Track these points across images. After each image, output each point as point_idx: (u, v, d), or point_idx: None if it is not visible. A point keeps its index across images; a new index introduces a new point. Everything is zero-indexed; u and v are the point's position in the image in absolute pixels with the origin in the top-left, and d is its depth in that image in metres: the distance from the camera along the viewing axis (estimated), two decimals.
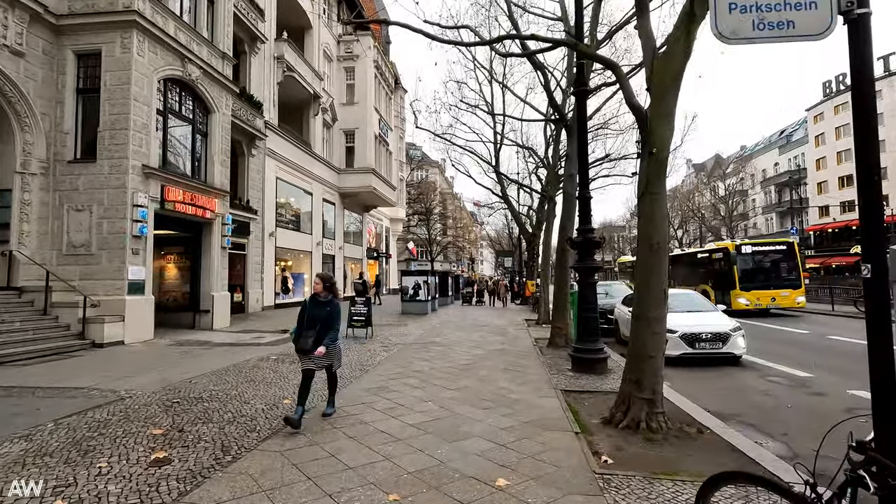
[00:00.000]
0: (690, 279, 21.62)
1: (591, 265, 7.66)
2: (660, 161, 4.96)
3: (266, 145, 19.98)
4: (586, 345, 7.55)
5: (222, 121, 13.88)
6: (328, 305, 5.00)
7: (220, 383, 6.56)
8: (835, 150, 52.71)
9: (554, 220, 16.37)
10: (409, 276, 19.33)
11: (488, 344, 10.79)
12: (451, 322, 16.22)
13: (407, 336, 12.13)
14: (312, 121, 25.31)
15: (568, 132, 10.77)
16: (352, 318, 11.53)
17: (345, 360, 8.35)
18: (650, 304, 4.94)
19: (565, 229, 10.73)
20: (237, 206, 17.66)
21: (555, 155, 16.53)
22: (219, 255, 13.58)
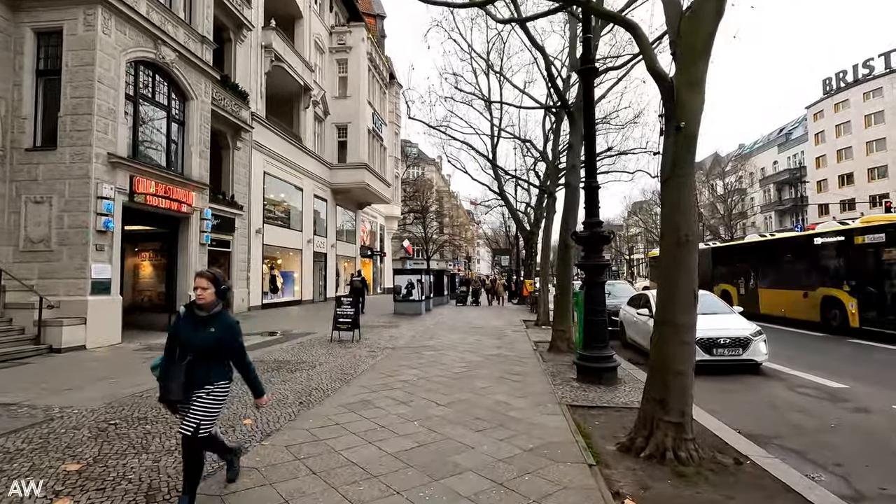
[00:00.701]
0: (797, 278, 14.10)
1: (599, 262, 6.86)
2: (689, 137, 4.15)
3: (253, 138, 19.09)
4: (594, 352, 6.75)
5: (201, 109, 12.99)
6: (215, 324, 3.08)
7: None
8: (835, 149, 52.15)
9: (554, 216, 15.58)
10: (402, 275, 18.50)
11: (484, 348, 9.98)
12: (445, 323, 15.40)
13: (397, 339, 11.30)
14: (303, 114, 24.42)
15: (571, 120, 9.96)
16: (337, 319, 10.69)
17: (326, 369, 7.55)
18: (677, 308, 4.13)
19: (568, 224, 9.92)
20: (220, 201, 16.79)
21: (554, 148, 15.73)
22: (197, 252, 12.70)
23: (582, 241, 6.94)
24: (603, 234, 6.79)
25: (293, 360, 8.39)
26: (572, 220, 9.96)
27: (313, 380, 6.80)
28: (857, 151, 50.11)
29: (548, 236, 15.65)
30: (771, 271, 15.60)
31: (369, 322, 15.32)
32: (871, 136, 48.96)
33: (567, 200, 10.10)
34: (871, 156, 48.96)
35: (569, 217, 9.95)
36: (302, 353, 9.06)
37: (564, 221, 10.04)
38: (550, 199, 15.52)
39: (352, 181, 27.55)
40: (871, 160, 49.06)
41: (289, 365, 7.87)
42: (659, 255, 4.34)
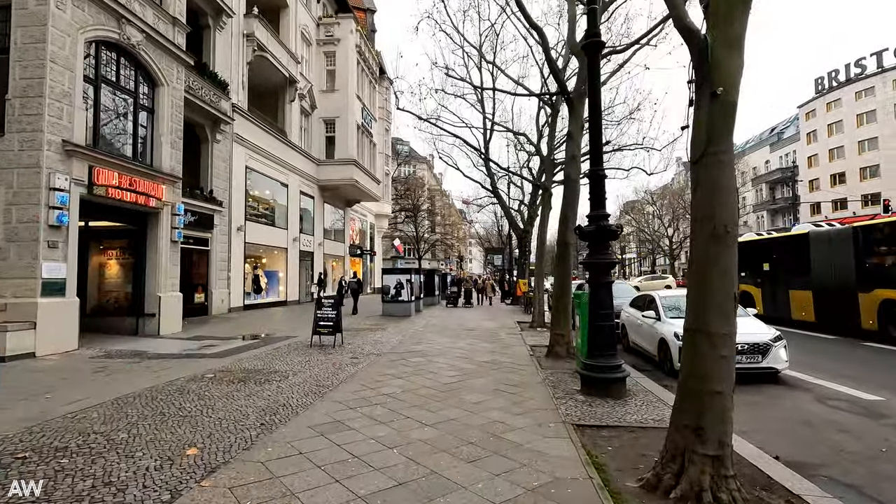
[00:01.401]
0: (842, 278, 11.92)
1: (606, 260, 6.10)
2: (727, 106, 3.40)
3: (233, 130, 18.15)
4: (600, 360, 5.99)
5: (172, 96, 12.08)
6: None
7: (113, 419, 4.86)
8: (826, 148, 52.10)
9: (549, 213, 14.85)
10: (391, 275, 17.68)
11: (477, 353, 9.21)
12: (435, 325, 14.61)
13: (383, 344, 10.49)
14: (288, 107, 23.48)
15: (570, 107, 9.22)
16: (318, 323, 9.86)
17: (300, 379, 6.73)
18: (713, 315, 3.37)
19: (567, 220, 9.17)
20: (198, 196, 15.87)
21: (550, 142, 15.00)
22: (168, 249, 11.79)
23: (586, 237, 6.18)
24: (610, 228, 6.04)
25: (264, 368, 7.55)
26: (572, 216, 9.22)
27: (283, 394, 5.97)
28: (849, 151, 50.07)
29: (543, 234, 14.92)
30: (806, 270, 13.39)
31: (355, 324, 14.49)
32: (863, 135, 48.93)
33: (566, 194, 9.36)
34: (863, 155, 48.94)
35: (568, 212, 9.20)
36: (276, 361, 8.22)
37: (563, 217, 9.29)
38: (545, 195, 14.78)
39: (340, 178, 26.66)
40: (862, 159, 49.04)
41: (258, 375, 7.03)
42: (690, 251, 3.60)
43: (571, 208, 9.22)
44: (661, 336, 7.89)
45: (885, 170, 46.62)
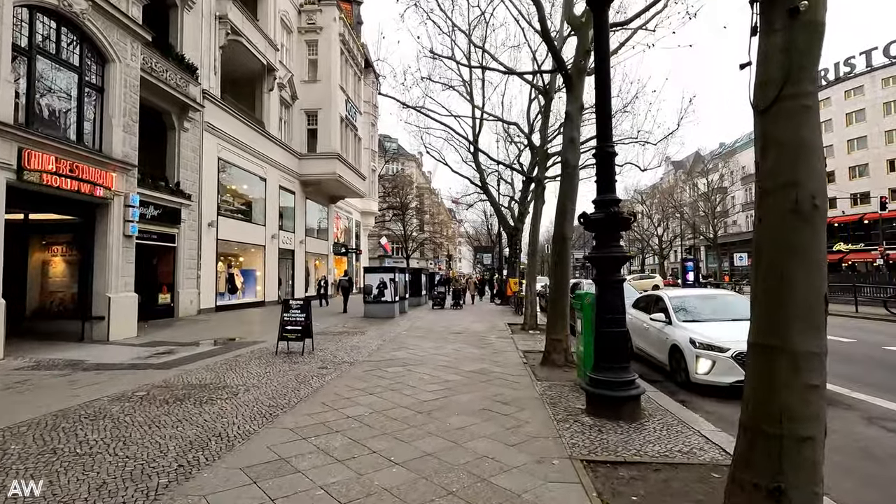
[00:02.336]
0: None
1: (616, 254, 5.09)
2: (812, 28, 2.39)
3: (204, 119, 16.91)
4: (609, 374, 4.98)
5: (126, 74, 10.85)
6: None
7: None
8: None
9: (542, 207, 13.88)
10: (374, 274, 16.56)
11: (464, 362, 8.17)
12: (420, 328, 13.54)
13: (359, 350, 9.40)
14: (266, 97, 22.22)
15: (568, 85, 8.21)
16: (284, 327, 8.73)
17: (251, 397, 5.62)
18: (797, 325, 2.35)
19: (565, 212, 8.17)
20: (162, 188, 14.62)
21: (543, 131, 14.01)
22: (119, 245, 10.57)
23: (593, 226, 5.17)
24: (622, 215, 5.03)
25: (213, 383, 6.42)
26: (571, 207, 8.21)
27: (224, 418, 4.87)
28: (839, 150, 50.01)
29: (536, 229, 13.94)
30: None
31: (332, 327, 13.37)
32: (852, 134, 48.89)
33: (564, 184, 8.35)
34: (853, 154, 48.91)
35: (566, 203, 8.19)
36: (230, 373, 7.09)
37: (560, 209, 8.28)
38: (538, 188, 13.80)
39: (323, 172, 25.46)
40: (852, 158, 49.01)
41: (203, 392, 5.91)
42: (757, 236, 2.59)
43: (570, 199, 8.21)
44: (672, 342, 6.92)
45: (874, 169, 46.59)
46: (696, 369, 6.27)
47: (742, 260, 50.54)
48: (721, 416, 5.39)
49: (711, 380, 6.13)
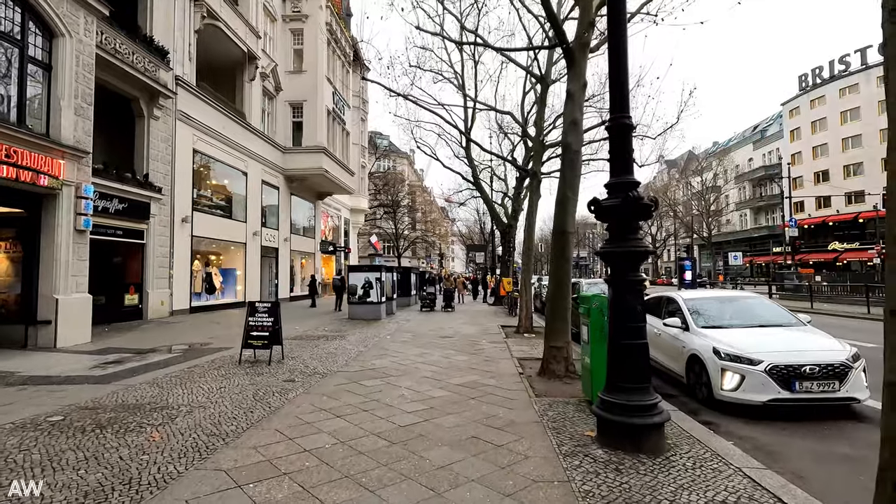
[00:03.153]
0: None
1: (636, 248, 4.16)
2: None
3: (177, 107, 15.79)
4: (628, 397, 4.05)
5: (79, 51, 9.76)
6: None
7: None
8: (810, 146, 51.67)
9: (539, 201, 12.96)
10: (358, 273, 15.56)
11: (453, 372, 7.22)
12: (406, 331, 12.57)
13: (336, 357, 8.41)
14: (248, 87, 21.11)
15: (570, 61, 7.29)
16: (249, 333, 7.72)
17: (190, 423, 4.61)
18: None
19: (566, 202, 7.24)
20: (129, 180, 13.52)
21: (539, 121, 13.08)
22: (70, 241, 9.49)
23: (607, 215, 4.24)
24: (642, 201, 4.09)
25: (152, 402, 5.41)
26: (573, 196, 7.28)
27: (147, 453, 3.87)
28: (833, 148, 49.70)
29: (531, 225, 13.01)
30: None
31: (311, 330, 12.36)
32: (847, 132, 48.51)
33: (565, 171, 7.41)
34: (847, 152, 48.53)
35: (567, 192, 7.25)
36: (177, 389, 6.08)
37: (561, 199, 7.34)
38: (534, 182, 12.87)
39: (308, 167, 24.38)
40: (846, 157, 48.63)
41: (133, 416, 4.90)
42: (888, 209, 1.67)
43: (571, 187, 7.28)
44: (691, 352, 6.01)
45: (869, 167, 46.21)
46: (721, 384, 5.36)
47: (737, 259, 49.98)
48: (758, 443, 4.48)
49: (740, 397, 5.22)
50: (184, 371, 7.11)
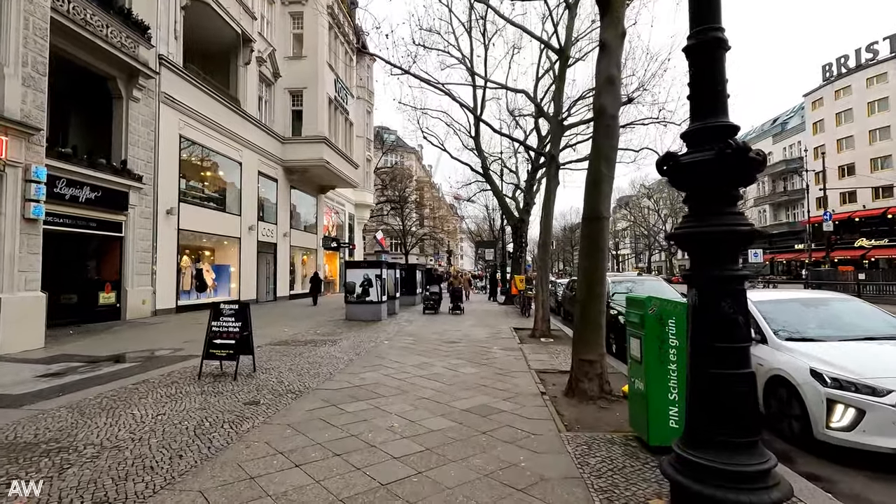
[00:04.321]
0: None
1: (738, 227, 2.69)
2: None
3: (161, 89, 14.53)
4: (725, 458, 2.59)
5: (29, 12, 8.47)
6: None
7: None
8: (834, 138, 49.46)
9: (556, 189, 11.50)
10: (356, 269, 14.18)
11: (457, 391, 5.82)
12: (408, 334, 11.19)
13: (319, 369, 7.04)
14: (242, 71, 19.82)
15: (604, 5, 5.83)
16: (212, 341, 6.36)
17: (86, 475, 3.25)
18: None
19: (599, 181, 5.78)
20: (102, 166, 12.27)
21: (558, 99, 11.60)
22: (16, 231, 8.22)
23: (690, 176, 2.79)
24: (747, 152, 2.62)
25: (53, 439, 4.06)
26: (608, 172, 5.82)
27: None
28: (859, 140, 47.46)
29: (548, 216, 11.52)
30: None
31: (301, 334, 11.00)
32: (875, 124, 46.24)
33: (599, 141, 5.95)
34: (875, 145, 46.27)
35: (601, 167, 5.79)
36: (98, 417, 4.72)
37: (593, 177, 5.88)
38: (551, 166, 11.40)
39: (309, 158, 23.08)
40: (874, 149, 46.36)
41: (15, 463, 3.55)
42: None
43: (608, 161, 5.82)
44: (773, 372, 4.53)
45: None
46: (827, 421, 3.89)
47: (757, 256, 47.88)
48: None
49: (858, 441, 3.75)
50: (126, 389, 5.77)
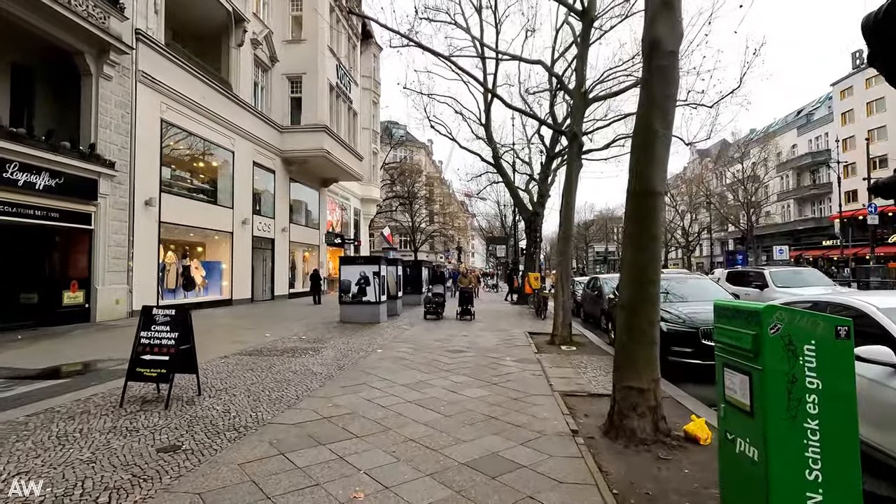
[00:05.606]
0: None
1: None
2: None
3: (138, 67, 13.18)
4: None
5: None
6: None
7: None
8: (865, 129, 46.83)
9: (579, 172, 9.89)
10: (352, 266, 12.68)
11: (459, 430, 4.29)
12: (405, 341, 9.68)
13: (285, 389, 5.56)
14: (235, 54, 18.44)
15: None
16: (139, 356, 4.90)
17: None
18: None
19: (652, 142, 4.21)
20: (66, 150, 10.95)
21: (580, 67, 9.98)
22: None
23: None
24: None
25: None
26: (663, 128, 4.23)
27: None
28: (892, 131, 44.88)
29: (569, 204, 9.91)
30: None
31: (283, 339, 9.52)
32: None
33: (652, 87, 4.34)
34: None
35: (655, 122, 4.21)
36: None
37: (643, 137, 4.31)
38: (573, 146, 9.78)
39: (308, 148, 21.68)
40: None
41: None
42: None
43: (664, 114, 4.22)
44: None
45: None
46: None
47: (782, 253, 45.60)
48: None
49: None
50: (12, 423, 4.33)
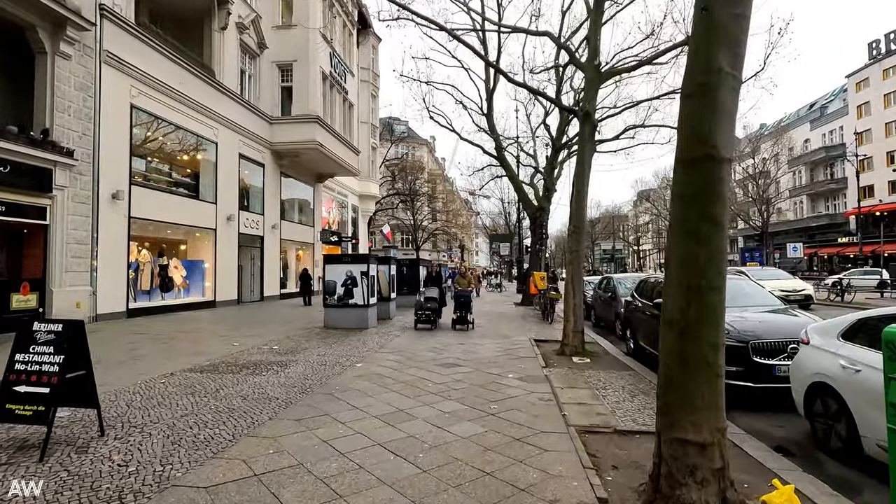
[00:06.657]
0: None
1: None
2: None
3: (103, 46, 11.95)
4: None
5: None
6: None
7: None
8: (882, 122, 45.19)
9: (592, 156, 8.59)
10: (337, 265, 11.38)
11: (440, 486, 3.00)
12: (392, 351, 8.39)
13: (224, 421, 4.30)
14: (218, 38, 17.20)
15: None
16: (10, 388, 3.63)
17: None
18: None
19: (716, 88, 2.92)
20: (14, 136, 9.72)
21: (593, 37, 8.67)
22: None
23: None
24: None
25: None
26: (730, 62, 2.93)
27: None
28: None
29: (581, 192, 8.59)
30: None
31: (251, 349, 8.23)
32: None
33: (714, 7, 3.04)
34: None
35: (716, 56, 2.92)
36: None
37: (701, 76, 3.02)
38: (586, 126, 8.48)
39: (299, 140, 20.44)
40: None
41: None
42: None
43: (730, 47, 2.93)
44: None
45: (879, 163, 39.79)
46: None
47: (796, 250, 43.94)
48: None
49: None
50: None
